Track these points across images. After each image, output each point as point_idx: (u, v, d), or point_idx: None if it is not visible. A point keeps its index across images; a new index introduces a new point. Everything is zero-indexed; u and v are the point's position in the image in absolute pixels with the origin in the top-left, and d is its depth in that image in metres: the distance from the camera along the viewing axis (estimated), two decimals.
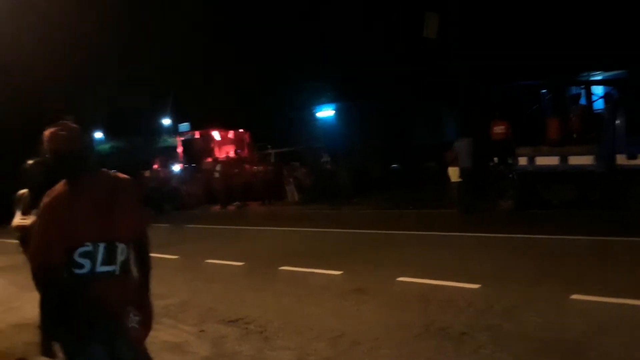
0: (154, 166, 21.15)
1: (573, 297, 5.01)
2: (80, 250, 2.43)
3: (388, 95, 20.28)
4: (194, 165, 20.48)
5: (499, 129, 10.78)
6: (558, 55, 15.01)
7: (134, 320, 2.59)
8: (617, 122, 9.38)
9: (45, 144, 2.53)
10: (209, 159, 20.13)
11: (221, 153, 20.72)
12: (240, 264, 8.29)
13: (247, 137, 21.70)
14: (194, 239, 11.77)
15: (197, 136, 21.55)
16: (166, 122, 32.66)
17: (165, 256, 9.26)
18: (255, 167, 18.61)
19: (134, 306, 2.61)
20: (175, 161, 21.33)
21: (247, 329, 5.24)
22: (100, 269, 2.47)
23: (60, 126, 2.54)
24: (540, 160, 10.10)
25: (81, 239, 2.44)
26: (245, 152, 20.83)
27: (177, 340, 5.14)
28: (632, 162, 9.00)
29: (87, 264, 2.44)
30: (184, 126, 25.05)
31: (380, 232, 9.86)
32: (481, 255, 7.27)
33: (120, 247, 2.54)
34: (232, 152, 20.56)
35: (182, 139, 22.37)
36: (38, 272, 2.44)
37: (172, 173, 20.64)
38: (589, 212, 9.02)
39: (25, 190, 4.76)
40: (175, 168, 20.94)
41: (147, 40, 23.98)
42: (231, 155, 20.31)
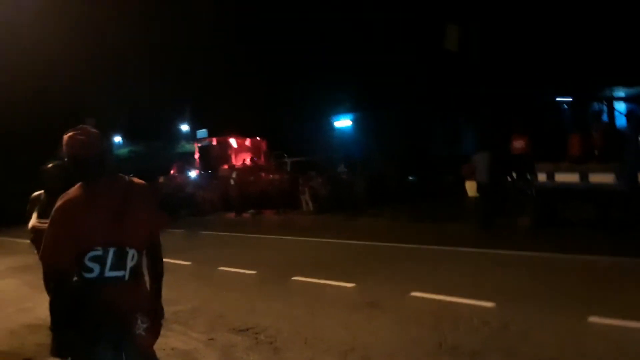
0: (171, 171, 21.31)
1: (591, 319, 4.87)
2: (90, 254, 2.43)
3: (406, 106, 20.21)
4: (210, 171, 20.60)
5: (518, 143, 10.64)
6: (581, 70, 14.82)
7: (141, 326, 2.57)
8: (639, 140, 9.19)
9: (64, 147, 2.53)
10: (226, 166, 20.23)
11: (238, 160, 20.81)
12: (253, 272, 8.26)
13: (263, 145, 21.81)
14: (208, 246, 11.78)
15: (214, 143, 21.69)
16: (184, 128, 33.00)
17: (178, 262, 9.29)
18: (271, 175, 18.63)
19: (142, 313, 2.59)
20: (192, 167, 21.48)
21: (257, 339, 5.19)
22: (109, 273, 2.46)
23: (79, 130, 2.54)
24: (560, 177, 9.90)
25: (92, 243, 2.43)
26: (262, 160, 20.90)
27: (186, 348, 5.11)
28: None
29: (96, 268, 2.44)
30: (202, 132, 25.25)
31: (395, 244, 9.75)
32: (497, 272, 7.13)
33: (131, 252, 2.52)
34: (249, 160, 20.63)
35: (199, 145, 22.55)
36: (48, 275, 2.44)
37: (188, 179, 20.77)
38: (609, 231, 8.81)
39: (42, 192, 4.79)
40: (192, 174, 21.07)
41: (168, 48, 24.29)
42: (247, 163, 20.37)
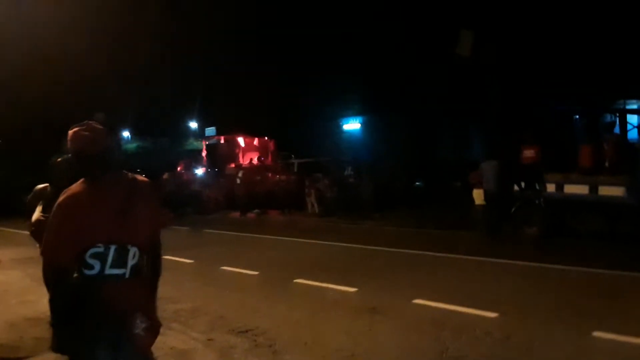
0: (178, 168, 21.33)
1: (596, 334, 4.78)
2: (91, 250, 2.39)
3: (416, 111, 20.14)
4: (217, 170, 20.60)
5: (529, 152, 10.52)
6: (594, 81, 14.70)
7: (140, 326, 2.53)
8: None
9: (68, 143, 2.50)
10: (232, 165, 20.22)
11: (245, 159, 20.80)
12: (255, 273, 8.21)
13: (271, 145, 21.78)
14: (211, 244, 11.76)
15: (222, 141, 21.70)
16: (193, 125, 33.07)
17: (181, 260, 9.26)
18: (277, 176, 18.60)
19: (142, 312, 2.55)
20: (199, 165, 21.49)
21: (256, 341, 5.14)
22: (110, 271, 2.43)
23: (84, 126, 2.50)
24: (570, 188, 9.80)
25: (93, 240, 2.40)
26: (269, 160, 20.88)
27: (185, 347, 5.06)
28: None
29: (97, 265, 2.40)
30: (210, 130, 25.30)
31: (399, 250, 9.68)
32: (501, 282, 7.05)
33: (133, 250, 2.49)
34: (256, 160, 20.63)
35: (207, 143, 22.57)
36: (48, 270, 2.41)
37: (195, 176, 20.78)
38: (617, 245, 8.70)
39: (47, 185, 4.76)
40: (198, 172, 21.09)
41: (181, 44, 24.35)
42: (254, 163, 20.37)
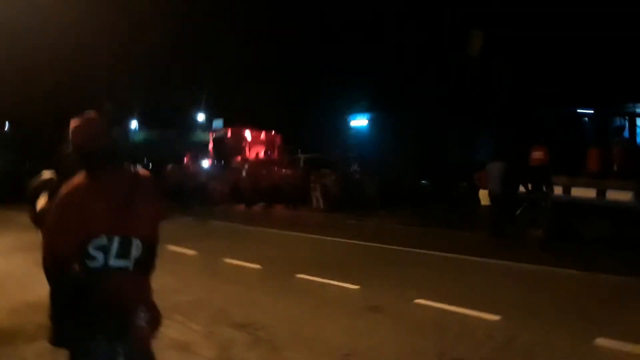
0: (185, 160, 21.36)
1: (598, 341, 4.72)
2: (94, 242, 2.37)
3: (424, 110, 20.03)
4: (223, 162, 20.60)
5: (537, 154, 10.44)
6: (604, 84, 14.56)
7: (142, 318, 2.52)
8: None
9: (70, 136, 2.47)
10: (239, 158, 20.22)
11: (251, 153, 20.79)
12: (258, 266, 8.20)
13: (278, 139, 21.74)
14: (215, 236, 11.76)
15: (229, 134, 21.68)
16: (201, 117, 33.07)
17: (184, 251, 9.25)
18: (283, 170, 18.58)
19: (145, 305, 2.54)
20: (206, 157, 21.50)
21: (256, 336, 5.13)
22: (114, 263, 2.41)
23: (86, 120, 2.46)
24: (577, 192, 9.72)
25: (97, 231, 2.38)
26: (275, 154, 20.86)
27: (185, 339, 5.05)
28: None
29: (100, 257, 2.38)
30: (218, 123, 25.28)
31: (403, 248, 9.64)
32: (505, 284, 7.01)
33: (136, 242, 2.47)
34: (262, 153, 20.61)
35: (214, 135, 22.57)
36: (49, 262, 2.39)
37: (201, 168, 20.80)
38: (624, 250, 8.62)
39: (53, 174, 4.74)
40: (204, 164, 21.10)
41: (191, 36, 24.29)
42: (261, 156, 20.35)
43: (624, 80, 14.22)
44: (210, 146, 21.92)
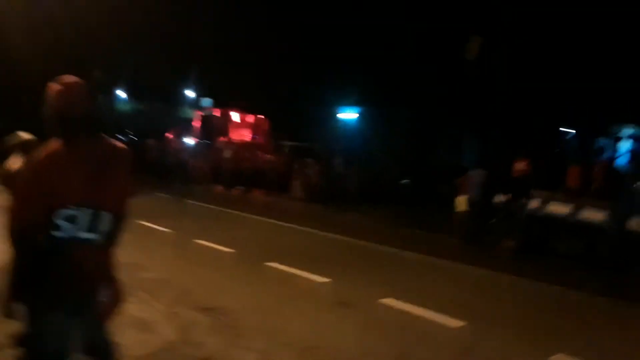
0: (169, 136, 21.13)
1: (556, 356, 4.76)
2: (63, 212, 2.29)
3: (414, 109, 20.02)
4: (207, 141, 20.42)
5: (520, 165, 10.49)
6: (590, 102, 14.69)
7: (105, 293, 2.48)
8: (638, 183, 9.10)
9: (48, 100, 2.37)
10: (224, 139, 20.05)
11: (237, 135, 20.63)
12: (230, 250, 8.15)
13: (265, 124, 21.58)
14: (190, 216, 11.66)
15: (216, 114, 21.49)
16: (191, 94, 32.72)
17: (157, 227, 9.16)
18: (267, 156, 18.49)
19: (108, 279, 2.49)
20: (191, 134, 21.29)
21: (219, 320, 5.09)
22: (82, 234, 2.33)
23: (66, 85, 2.36)
24: (553, 207, 9.82)
25: (67, 201, 2.29)
26: (261, 139, 20.72)
27: (146, 318, 5.00)
28: None
29: (68, 228, 2.30)
30: (207, 101, 25.06)
31: (377, 245, 9.66)
32: (473, 290, 7.05)
33: (106, 216, 2.40)
34: (248, 136, 20.46)
35: (201, 113, 22.34)
36: (15, 230, 2.30)
37: (184, 145, 20.60)
38: (593, 268, 8.73)
39: (33, 137, 4.61)
40: (188, 141, 20.90)
41: (183, 12, 23.86)
42: (246, 139, 20.21)
43: (610, 102, 14.37)
44: (197, 124, 21.70)
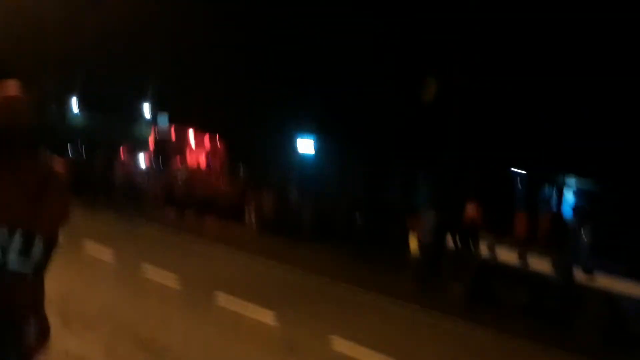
0: (120, 152, 20.48)
1: None
2: None
3: (371, 142, 20.11)
4: (161, 162, 19.92)
5: (470, 210, 10.68)
6: (541, 148, 15.00)
7: (32, 328, 2.26)
8: (582, 235, 9.42)
9: None
10: (178, 160, 19.62)
11: (192, 156, 20.22)
12: (175, 279, 7.83)
13: (221, 146, 21.21)
14: (135, 240, 11.15)
15: (171, 132, 21.02)
16: (146, 108, 31.98)
17: (100, 253, 8.66)
18: (221, 182, 18.22)
19: (36, 312, 2.28)
20: (144, 152, 20.72)
21: (158, 358, 4.85)
22: (12, 261, 2.12)
23: (5, 96, 2.17)
24: (502, 253, 10.02)
25: None
26: (217, 162, 20.40)
27: (81, 353, 4.70)
28: (588, 278, 9.01)
29: None
30: (163, 118, 24.61)
31: (325, 279, 9.56)
32: (420, 334, 7.07)
33: (39, 241, 2.19)
34: (203, 158, 20.11)
35: (156, 132, 21.84)
36: None
37: (136, 164, 20.04)
38: (538, 318, 8.81)
39: None
40: (141, 160, 20.33)
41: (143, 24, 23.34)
42: (201, 161, 19.86)
43: (560, 150, 14.73)
44: (151, 142, 21.15)
